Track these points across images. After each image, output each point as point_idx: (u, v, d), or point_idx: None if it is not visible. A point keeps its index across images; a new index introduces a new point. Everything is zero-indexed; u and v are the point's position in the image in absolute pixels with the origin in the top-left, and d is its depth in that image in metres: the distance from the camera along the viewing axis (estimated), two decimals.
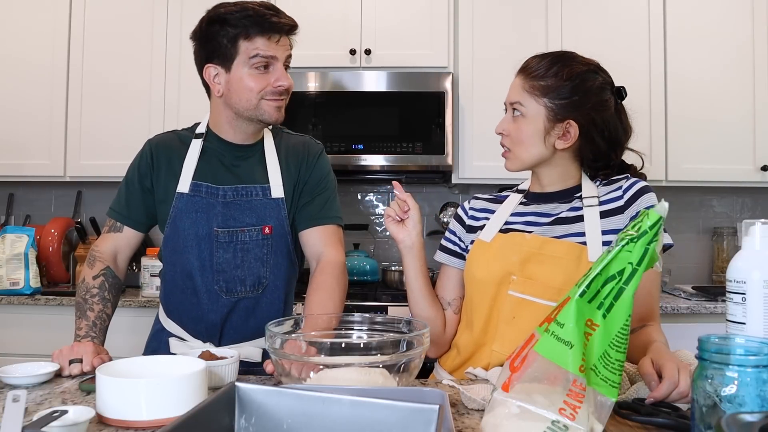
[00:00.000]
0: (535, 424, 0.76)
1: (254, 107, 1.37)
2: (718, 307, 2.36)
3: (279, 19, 1.34)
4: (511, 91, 1.29)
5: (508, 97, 1.30)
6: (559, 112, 1.24)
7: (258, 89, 1.35)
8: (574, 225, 1.24)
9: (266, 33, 1.33)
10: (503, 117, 1.31)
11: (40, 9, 2.72)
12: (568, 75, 1.24)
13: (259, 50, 1.33)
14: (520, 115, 1.26)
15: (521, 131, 1.26)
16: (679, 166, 2.66)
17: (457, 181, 2.69)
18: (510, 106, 1.29)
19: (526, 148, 1.27)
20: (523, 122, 1.26)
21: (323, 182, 1.49)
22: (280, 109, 1.39)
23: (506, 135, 1.29)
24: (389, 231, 1.32)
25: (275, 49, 1.35)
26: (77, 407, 0.89)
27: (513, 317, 1.21)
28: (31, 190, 3.06)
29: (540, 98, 1.24)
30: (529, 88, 1.25)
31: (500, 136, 1.31)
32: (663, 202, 0.83)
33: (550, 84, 1.24)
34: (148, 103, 2.69)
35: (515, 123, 1.27)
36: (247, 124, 1.42)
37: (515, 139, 1.27)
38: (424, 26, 2.67)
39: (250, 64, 1.34)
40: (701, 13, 2.67)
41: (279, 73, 1.36)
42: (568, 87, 1.23)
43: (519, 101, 1.26)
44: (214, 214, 1.41)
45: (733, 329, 0.85)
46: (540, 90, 1.24)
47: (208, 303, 1.43)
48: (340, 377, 0.93)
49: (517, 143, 1.27)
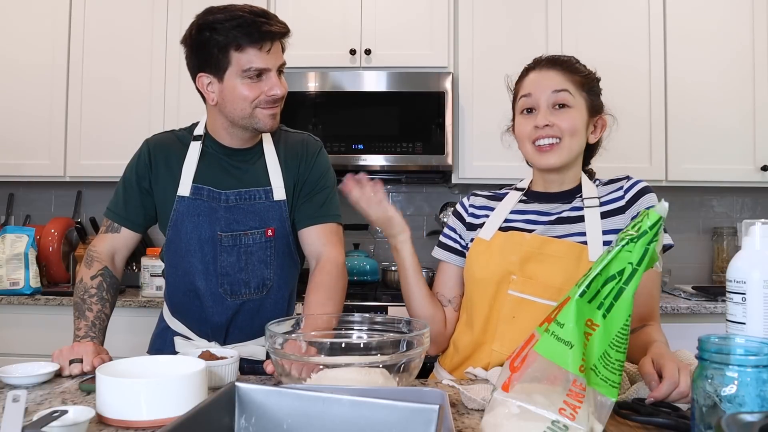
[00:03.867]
0: (535, 424, 0.76)
1: (248, 116, 1.36)
2: (718, 307, 2.35)
3: (270, 27, 1.30)
4: (549, 81, 1.25)
5: (544, 87, 1.24)
6: (594, 107, 1.27)
7: (252, 98, 1.33)
8: (575, 225, 1.24)
9: (257, 43, 1.29)
10: (541, 110, 1.24)
11: (40, 9, 2.72)
12: (591, 73, 1.29)
13: (252, 63, 1.30)
14: (567, 105, 1.24)
15: (573, 119, 1.23)
16: (679, 166, 2.66)
17: (457, 181, 2.69)
18: (552, 96, 1.23)
19: (577, 139, 1.25)
20: (573, 112, 1.24)
21: (322, 180, 1.49)
22: (274, 116, 1.37)
23: (552, 126, 1.23)
24: (373, 217, 1.29)
25: (266, 59, 1.31)
26: (77, 407, 0.89)
27: (513, 317, 1.21)
28: (31, 190, 3.06)
29: (581, 91, 1.25)
30: (571, 80, 1.25)
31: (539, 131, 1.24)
32: (663, 202, 0.83)
33: (583, 80, 1.26)
34: (148, 103, 2.69)
35: (564, 113, 1.23)
36: (242, 131, 1.41)
37: (565, 128, 1.22)
38: (424, 26, 2.67)
39: (243, 75, 1.32)
40: (701, 14, 2.67)
41: (272, 82, 1.33)
42: (595, 85, 1.28)
43: (567, 90, 1.23)
44: (216, 218, 1.41)
45: (733, 329, 0.85)
46: (580, 83, 1.25)
47: (212, 306, 1.43)
48: (340, 377, 0.93)
49: (569, 132, 1.23)
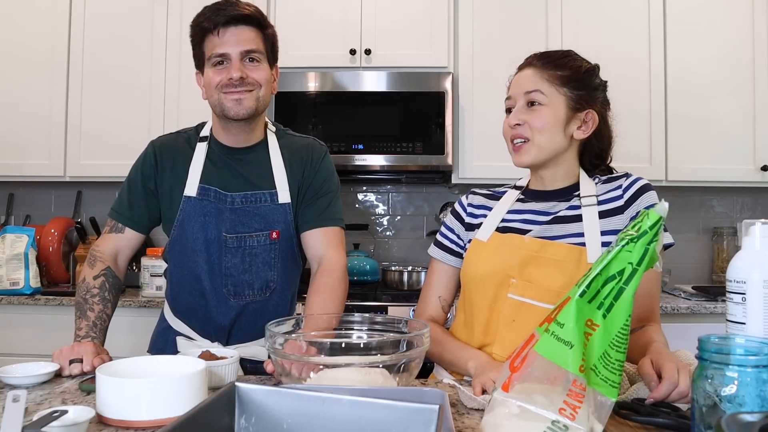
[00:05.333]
0: (535, 424, 0.76)
1: (216, 103, 1.40)
2: (718, 307, 2.35)
3: (228, 12, 1.35)
4: (524, 81, 1.26)
5: (519, 88, 1.27)
6: (578, 102, 1.25)
7: (215, 83, 1.38)
8: (573, 225, 1.24)
9: (216, 28, 1.35)
10: (514, 110, 1.27)
11: (40, 6, 2.72)
12: (584, 68, 1.27)
13: (214, 48, 1.36)
14: (539, 104, 1.24)
15: (543, 118, 1.24)
16: (679, 166, 2.66)
17: (457, 181, 2.69)
18: (525, 96, 1.25)
19: (548, 137, 1.24)
20: (544, 110, 1.24)
21: (326, 184, 1.49)
22: (240, 101, 1.37)
23: (522, 125, 1.25)
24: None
25: (225, 44, 1.35)
26: (77, 407, 0.89)
27: (513, 320, 1.21)
28: (31, 190, 3.06)
29: (560, 87, 1.24)
30: (548, 77, 1.24)
31: (513, 131, 1.27)
32: (663, 202, 0.82)
33: (568, 75, 1.25)
34: (148, 103, 2.69)
35: (534, 112, 1.25)
36: (231, 125, 1.43)
37: (536, 126, 1.24)
38: (424, 26, 2.67)
39: (209, 63, 1.38)
40: (701, 13, 2.67)
41: (231, 65, 1.36)
42: (585, 78, 1.26)
43: (538, 89, 1.24)
44: (222, 219, 1.42)
45: (733, 329, 0.85)
46: (559, 79, 1.24)
47: (216, 306, 1.43)
48: (340, 377, 0.93)
49: (538, 130, 1.24)
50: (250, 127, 1.44)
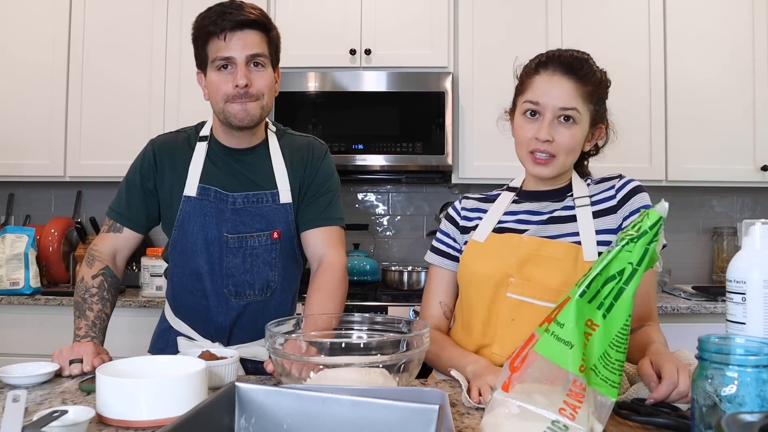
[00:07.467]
0: (535, 424, 0.76)
1: (221, 110, 1.38)
2: (718, 307, 2.35)
3: (234, 16, 1.33)
4: (560, 94, 1.19)
5: (554, 100, 1.19)
6: (597, 117, 1.24)
7: (222, 90, 1.36)
8: (568, 225, 1.24)
9: (222, 32, 1.33)
10: (545, 123, 1.19)
11: (40, 9, 2.72)
12: (603, 79, 1.24)
13: (218, 52, 1.34)
14: (573, 122, 1.20)
15: (574, 138, 1.19)
16: (679, 166, 2.66)
17: (457, 181, 2.69)
18: (560, 111, 1.19)
19: (573, 156, 1.22)
20: (575, 129, 1.20)
21: (327, 183, 1.49)
22: (246, 110, 1.36)
23: (552, 142, 1.19)
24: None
25: (231, 48, 1.34)
26: (77, 407, 0.89)
27: (512, 319, 1.21)
28: (31, 190, 3.06)
29: (588, 104, 1.21)
30: (582, 93, 1.19)
31: (537, 143, 1.20)
32: (663, 202, 0.82)
33: (593, 90, 1.21)
34: (148, 104, 2.69)
35: (569, 130, 1.19)
36: (234, 130, 1.42)
37: (565, 146, 1.19)
38: (424, 26, 2.67)
39: (213, 66, 1.36)
40: (701, 13, 2.67)
41: (238, 72, 1.34)
42: (602, 92, 1.24)
43: (576, 108, 1.18)
44: (223, 219, 1.41)
45: (733, 329, 0.85)
46: (589, 96, 1.21)
47: (217, 306, 1.43)
48: (340, 377, 0.94)
49: (567, 151, 1.20)
50: (252, 131, 1.44)
